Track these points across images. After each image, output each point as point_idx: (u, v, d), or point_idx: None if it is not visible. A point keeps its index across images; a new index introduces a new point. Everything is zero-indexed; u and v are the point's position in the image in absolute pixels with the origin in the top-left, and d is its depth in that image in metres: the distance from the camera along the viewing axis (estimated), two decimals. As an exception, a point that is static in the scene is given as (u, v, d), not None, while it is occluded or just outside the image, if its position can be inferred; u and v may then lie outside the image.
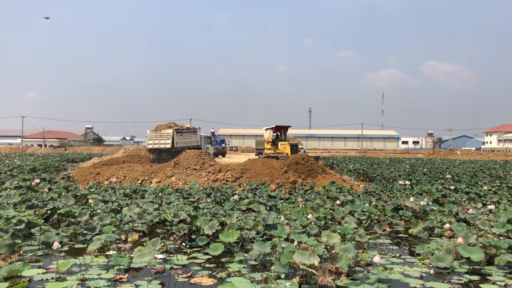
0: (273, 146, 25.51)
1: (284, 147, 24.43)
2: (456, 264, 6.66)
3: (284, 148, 24.44)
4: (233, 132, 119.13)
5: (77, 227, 8.53)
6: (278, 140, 25.54)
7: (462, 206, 11.66)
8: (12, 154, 61.87)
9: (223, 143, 50.67)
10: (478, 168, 30.99)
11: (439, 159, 59.42)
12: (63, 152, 73.47)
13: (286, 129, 26.50)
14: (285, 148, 24.35)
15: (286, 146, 24.27)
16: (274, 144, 25.44)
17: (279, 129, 25.97)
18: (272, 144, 25.62)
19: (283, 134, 26.14)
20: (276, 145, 25.29)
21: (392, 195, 13.87)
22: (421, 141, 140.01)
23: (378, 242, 8.64)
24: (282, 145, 24.85)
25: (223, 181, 17.20)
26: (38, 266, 6.50)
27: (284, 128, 26.22)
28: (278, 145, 25.16)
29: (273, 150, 25.15)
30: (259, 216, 9.32)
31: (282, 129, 26.06)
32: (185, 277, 6.12)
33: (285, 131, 26.28)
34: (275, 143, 25.38)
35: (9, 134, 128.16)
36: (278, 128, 25.83)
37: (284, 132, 26.24)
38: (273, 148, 25.38)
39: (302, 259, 5.71)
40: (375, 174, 25.29)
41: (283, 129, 26.10)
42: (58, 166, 32.01)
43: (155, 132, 29.91)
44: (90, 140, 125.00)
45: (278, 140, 25.64)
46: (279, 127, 25.84)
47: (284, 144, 24.76)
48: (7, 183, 14.96)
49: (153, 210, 10.12)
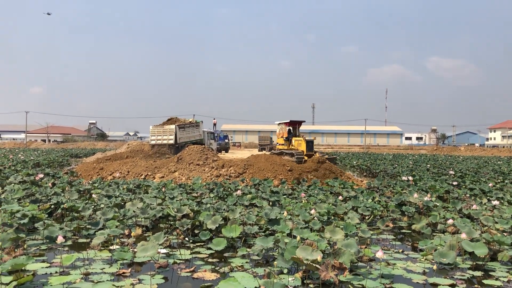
0: (286, 142, 24.17)
1: (299, 144, 22.99)
2: (459, 260, 6.66)
3: (298, 145, 23.02)
4: (236, 128, 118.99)
5: (81, 222, 8.57)
6: (292, 136, 24.20)
7: (466, 202, 11.63)
8: (16, 149, 62.11)
9: (226, 139, 50.61)
10: (481, 164, 30.88)
11: (443, 155, 59.23)
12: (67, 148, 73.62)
13: (300, 124, 25.19)
14: (299, 144, 22.92)
15: (301, 143, 22.79)
16: (288, 140, 24.06)
17: (293, 124, 24.60)
18: (286, 139, 24.24)
19: (297, 130, 24.78)
20: (290, 140, 23.89)
21: (395, 191, 13.85)
22: (424, 137, 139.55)
23: (381, 237, 8.63)
24: (296, 141, 23.44)
25: (226, 176, 17.22)
26: (42, 260, 6.53)
27: (298, 123, 24.91)
28: (292, 141, 23.74)
29: (287, 146, 23.88)
30: (262, 211, 9.33)
31: (296, 124, 24.72)
32: (188, 272, 6.14)
33: (299, 126, 24.95)
34: (289, 139, 24.00)
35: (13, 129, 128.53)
36: (292, 123, 24.49)
37: (298, 127, 24.90)
38: (287, 143, 24.06)
39: (305, 255, 5.72)
40: (378, 170, 25.24)
41: (297, 124, 24.77)
42: (62, 161, 32.09)
43: (158, 127, 29.95)
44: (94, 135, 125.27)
45: (292, 135, 24.29)
46: (293, 122, 24.49)
47: (299, 140, 23.32)
48: (11, 178, 15.02)
49: (157, 205, 10.15)
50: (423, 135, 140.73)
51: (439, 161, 36.15)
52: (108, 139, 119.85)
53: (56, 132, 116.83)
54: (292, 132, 24.50)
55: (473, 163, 33.54)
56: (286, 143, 24.19)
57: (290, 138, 24.02)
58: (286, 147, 23.95)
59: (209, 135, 36.33)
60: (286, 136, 24.18)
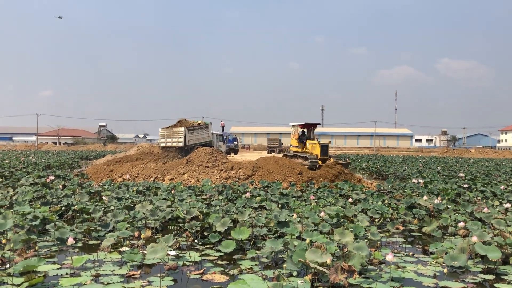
0: (300, 144, 23.50)
1: (313, 147, 22.28)
2: (470, 263, 6.59)
3: (313, 148, 22.33)
4: (245, 130, 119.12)
5: (91, 224, 8.62)
6: (306, 138, 23.55)
7: (477, 205, 11.52)
8: (28, 151, 62.71)
9: (235, 141, 50.64)
10: (493, 167, 30.57)
11: (453, 157, 58.77)
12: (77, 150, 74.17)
13: (315, 126, 24.37)
14: (314, 148, 22.21)
15: (316, 146, 22.00)
16: (302, 142, 23.39)
17: (308, 127, 23.89)
18: (299, 142, 23.62)
19: (312, 132, 24.04)
20: (304, 143, 23.24)
21: (405, 193, 13.76)
22: (435, 139, 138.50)
23: (391, 240, 8.58)
24: (311, 145, 22.72)
25: (235, 178, 17.23)
26: (53, 262, 6.58)
27: (313, 126, 24.11)
28: (307, 143, 23.08)
29: (301, 149, 23.24)
30: (271, 213, 9.32)
31: (311, 126, 23.95)
32: (198, 274, 6.15)
33: (313, 129, 24.17)
34: (303, 141, 23.35)
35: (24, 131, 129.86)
36: (307, 125, 23.78)
37: (313, 130, 24.12)
38: (301, 146, 23.41)
39: (314, 257, 5.70)
40: (388, 173, 25.10)
41: (312, 126, 23.99)
42: (72, 163, 32.38)
43: (167, 130, 30.07)
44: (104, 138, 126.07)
45: (306, 138, 23.64)
46: (308, 124, 23.77)
47: (313, 143, 22.57)
48: (23, 180, 15.16)
49: (166, 207, 10.18)
50: (434, 137, 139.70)
51: (450, 163, 35.85)
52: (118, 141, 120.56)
53: (67, 134, 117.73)
54: (306, 134, 23.99)
55: (484, 165, 33.22)
56: (300, 146, 23.61)
57: (304, 140, 23.46)
58: (300, 149, 23.37)
59: (218, 137, 36.40)
60: (300, 138, 23.65)
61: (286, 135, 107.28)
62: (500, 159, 54.88)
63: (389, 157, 51.34)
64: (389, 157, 51.34)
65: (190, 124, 31.46)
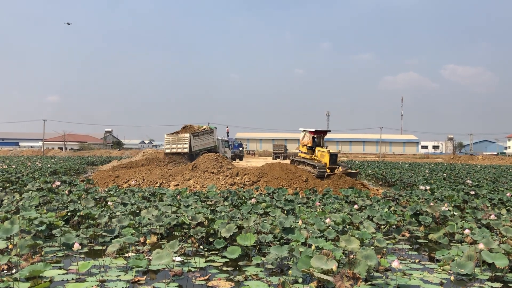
0: (309, 151, 23.12)
1: (322, 155, 21.96)
2: (477, 270, 6.54)
3: (322, 156, 22.01)
4: (250, 136, 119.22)
5: (97, 229, 8.65)
6: (316, 145, 23.14)
7: (484, 212, 11.44)
8: (34, 157, 63.08)
9: (241, 147, 50.77)
10: (499, 174, 30.38)
11: (460, 164, 58.48)
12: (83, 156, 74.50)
13: (325, 134, 24.03)
14: (323, 156, 21.89)
15: (325, 155, 21.68)
16: (311, 149, 23.05)
17: (318, 133, 23.43)
18: (309, 148, 23.23)
19: (322, 139, 23.56)
20: (313, 150, 22.92)
21: (412, 200, 13.69)
22: (441, 145, 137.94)
23: (397, 247, 8.53)
24: (320, 152, 22.36)
25: (240, 184, 17.23)
26: (59, 267, 6.60)
27: (324, 133, 23.78)
28: (316, 151, 22.77)
29: (309, 156, 22.94)
30: (276, 220, 9.30)
31: (321, 133, 23.59)
32: (203, 280, 6.14)
33: (323, 136, 23.76)
34: (313, 148, 23.02)
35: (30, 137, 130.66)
36: (317, 132, 23.36)
37: (323, 137, 23.71)
38: (309, 152, 23.06)
39: (319, 264, 5.68)
40: (394, 179, 25.01)
41: (322, 133, 23.66)
42: (78, 169, 32.50)
43: (173, 136, 30.13)
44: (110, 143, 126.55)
45: (315, 145, 23.22)
46: (318, 131, 23.41)
47: (322, 151, 22.21)
48: (29, 185, 15.23)
49: (171, 213, 10.19)
50: (440, 143, 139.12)
51: (456, 170, 35.67)
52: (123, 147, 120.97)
53: (73, 140, 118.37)
54: (316, 141, 23.49)
55: (491, 172, 33.02)
56: (309, 152, 23.27)
57: (313, 147, 23.16)
58: (308, 156, 23.08)
59: (223, 143, 36.49)
60: (310, 145, 23.31)
61: (291, 141, 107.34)
62: (507, 165, 54.52)
63: (395, 163, 51.17)
64: (395, 163, 51.17)
65: (195, 129, 31.53)
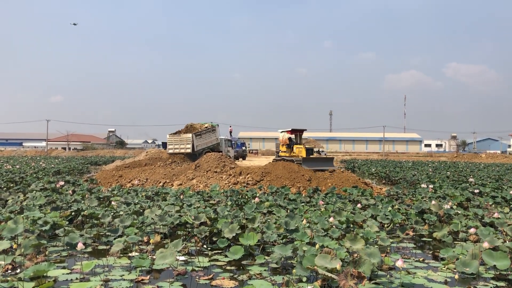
0: (288, 149, 25.78)
1: (300, 151, 24.64)
2: (482, 269, 6.52)
3: (299, 152, 24.62)
4: (253, 135, 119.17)
5: (100, 229, 8.66)
6: (293, 143, 25.82)
7: (488, 210, 11.40)
8: (38, 157, 63.27)
9: (244, 146, 50.76)
10: (503, 172, 30.27)
11: (463, 162, 58.25)
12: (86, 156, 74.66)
13: (302, 132, 26.73)
14: (300, 151, 24.52)
15: (302, 150, 24.44)
16: (290, 147, 25.70)
17: (295, 132, 26.16)
18: (287, 147, 25.90)
19: (299, 137, 26.33)
20: (292, 148, 25.53)
21: (415, 198, 13.66)
22: (444, 144, 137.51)
23: (401, 246, 8.51)
24: (297, 149, 25.03)
25: (243, 184, 17.22)
26: (63, 267, 6.62)
27: (300, 131, 26.46)
28: (294, 148, 25.39)
29: (288, 153, 25.48)
30: (280, 219, 9.29)
31: (298, 132, 26.28)
32: (207, 279, 6.14)
33: (300, 134, 26.50)
34: (291, 146, 25.66)
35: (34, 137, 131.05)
36: (294, 131, 26.08)
37: (300, 135, 26.45)
38: (288, 151, 25.69)
39: (324, 263, 5.67)
40: (397, 178, 24.95)
41: (298, 132, 26.33)
42: (82, 168, 32.57)
43: (175, 137, 30.09)
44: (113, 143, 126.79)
45: (293, 143, 25.89)
46: (295, 130, 26.10)
47: (299, 147, 24.98)
48: (33, 185, 15.28)
49: (175, 212, 10.19)
50: (443, 142, 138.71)
51: (460, 168, 35.56)
52: (127, 147, 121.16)
53: (76, 140, 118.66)
54: (294, 140, 26.04)
55: (494, 170, 32.90)
56: (288, 150, 25.72)
57: (291, 145, 25.59)
58: (287, 154, 25.45)
59: (226, 142, 36.46)
60: (288, 144, 25.82)
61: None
62: (511, 163, 54.29)
63: (398, 162, 51.03)
64: (398, 162, 51.03)
65: (197, 128, 31.47)
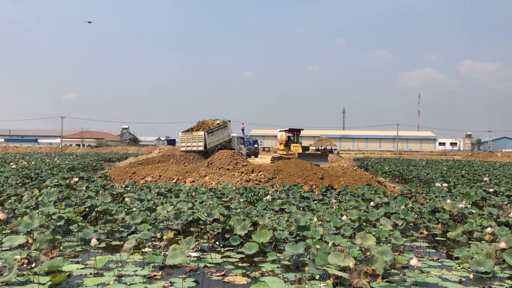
0: (286, 148, 27.45)
1: (296, 149, 26.34)
2: (497, 268, 6.43)
3: (296, 150, 26.24)
4: (265, 133, 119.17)
5: (114, 225, 8.73)
6: (291, 142, 27.44)
7: (503, 210, 11.23)
8: (52, 153, 64.01)
9: (256, 144, 50.76)
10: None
11: (478, 161, 57.55)
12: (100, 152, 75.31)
13: (299, 132, 28.40)
14: (297, 149, 26.20)
15: (298, 148, 26.32)
16: (288, 146, 27.33)
17: (292, 132, 27.89)
18: (285, 145, 27.61)
19: (296, 137, 28.02)
20: (289, 146, 27.12)
21: (429, 197, 13.52)
22: (459, 142, 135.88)
23: (415, 245, 8.44)
24: (294, 147, 26.75)
25: (255, 181, 17.21)
26: (77, 262, 6.68)
27: (297, 131, 28.11)
28: (291, 146, 27.00)
29: (286, 151, 27.12)
30: (292, 217, 9.27)
31: (295, 131, 27.99)
32: (219, 276, 6.16)
33: (298, 134, 28.17)
34: (288, 145, 27.33)
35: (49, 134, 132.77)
36: (291, 130, 27.82)
37: (297, 134, 28.15)
38: (286, 149, 27.30)
39: (336, 261, 5.65)
40: (411, 176, 24.74)
41: (296, 131, 28.01)
42: (96, 165, 32.87)
43: (187, 134, 30.21)
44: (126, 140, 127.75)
45: (291, 142, 27.51)
46: (292, 130, 27.84)
47: (296, 146, 26.80)
48: (48, 181, 15.45)
49: (187, 209, 10.23)
50: (458, 140, 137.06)
51: (475, 167, 35.13)
52: (140, 144, 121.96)
53: (90, 137, 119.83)
54: (292, 139, 27.98)
55: (510, 169, 32.43)
56: (285, 149, 27.67)
57: (289, 144, 27.60)
58: (285, 152, 27.37)
59: (239, 140, 36.52)
60: (285, 142, 27.87)
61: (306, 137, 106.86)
62: (527, 163, 53.45)
63: (412, 160, 50.60)
64: (412, 160, 50.60)
65: (208, 124, 31.54)
